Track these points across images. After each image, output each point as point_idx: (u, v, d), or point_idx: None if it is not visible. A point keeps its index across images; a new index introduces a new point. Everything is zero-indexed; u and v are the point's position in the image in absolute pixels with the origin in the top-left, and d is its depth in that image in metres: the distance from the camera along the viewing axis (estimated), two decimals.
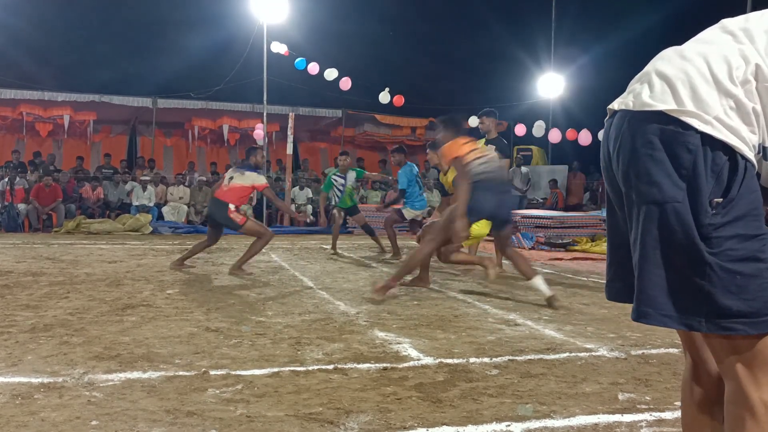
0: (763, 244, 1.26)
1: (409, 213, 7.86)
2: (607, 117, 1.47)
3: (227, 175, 6.50)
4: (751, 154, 1.27)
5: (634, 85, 1.42)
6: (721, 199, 1.25)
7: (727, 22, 1.38)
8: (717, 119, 1.26)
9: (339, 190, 8.57)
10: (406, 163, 7.92)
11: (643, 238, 1.33)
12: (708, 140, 1.26)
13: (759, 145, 1.30)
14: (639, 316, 1.36)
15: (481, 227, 5.23)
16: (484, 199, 4.72)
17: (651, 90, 1.34)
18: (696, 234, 1.25)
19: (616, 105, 1.43)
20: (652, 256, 1.32)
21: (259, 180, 6.46)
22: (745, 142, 1.26)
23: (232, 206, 6.27)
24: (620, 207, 1.44)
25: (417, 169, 7.92)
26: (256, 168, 6.58)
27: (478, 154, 4.93)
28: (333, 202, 8.84)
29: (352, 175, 8.58)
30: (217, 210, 6.38)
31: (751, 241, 1.26)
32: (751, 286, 1.25)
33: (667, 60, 1.37)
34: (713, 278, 1.25)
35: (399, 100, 15.24)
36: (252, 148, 6.81)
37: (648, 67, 1.41)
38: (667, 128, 1.29)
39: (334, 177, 8.62)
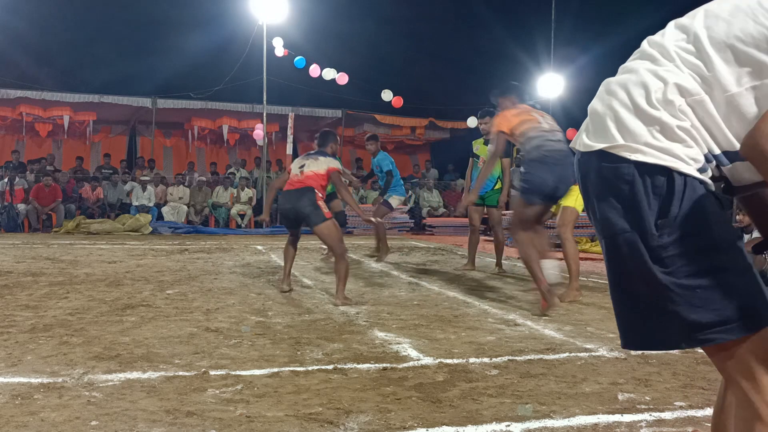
0: (717, 252, 1.28)
1: (395, 200, 7.56)
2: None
3: (296, 165, 5.36)
4: (688, 168, 1.29)
5: (582, 126, 1.49)
6: (663, 220, 1.28)
7: (645, 44, 1.42)
8: (646, 144, 1.30)
9: None
10: (380, 150, 7.72)
11: (608, 270, 1.41)
12: (642, 167, 1.30)
13: (706, 155, 1.31)
14: (626, 344, 1.42)
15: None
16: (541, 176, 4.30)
17: (588, 130, 1.42)
18: (648, 258, 1.29)
19: (572, 144, 1.51)
20: (618, 285, 1.39)
21: (333, 162, 5.34)
22: (680, 159, 1.29)
23: (318, 193, 5.14)
24: None
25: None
26: (333, 156, 5.51)
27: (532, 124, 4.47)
28: None
29: None
30: (302, 197, 5.09)
31: (704, 254, 1.28)
32: (714, 296, 1.26)
33: (599, 97, 1.44)
34: (674, 297, 1.28)
35: (398, 102, 15.24)
36: (326, 132, 5.72)
37: (589, 105, 1.47)
38: (605, 165, 1.35)
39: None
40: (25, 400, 2.48)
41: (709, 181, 1.31)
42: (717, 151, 1.31)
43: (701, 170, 1.30)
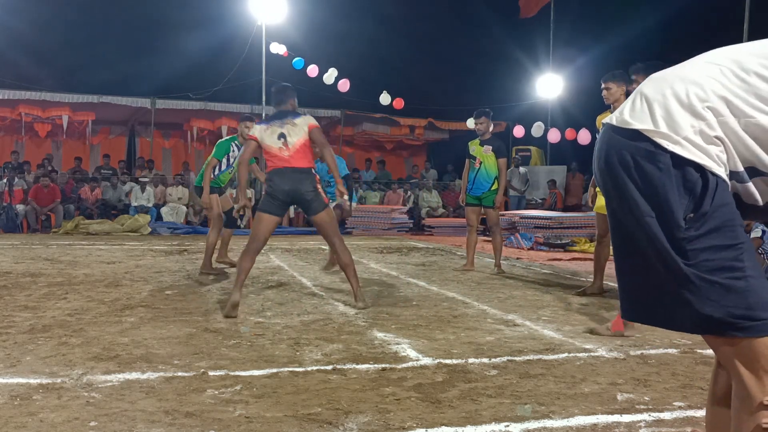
0: (739, 252, 1.31)
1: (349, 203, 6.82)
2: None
3: (269, 134, 4.46)
4: (720, 171, 1.32)
5: (623, 102, 1.51)
6: (693, 214, 1.32)
7: (714, 54, 1.44)
8: (686, 139, 1.33)
9: (228, 162, 6.76)
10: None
11: (623, 246, 1.44)
12: (678, 159, 1.33)
13: (730, 170, 1.35)
14: (627, 315, 1.48)
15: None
16: None
17: (632, 109, 1.43)
18: (669, 247, 1.32)
19: (605, 119, 1.52)
20: (630, 263, 1.42)
21: (311, 119, 4.63)
22: (714, 160, 1.33)
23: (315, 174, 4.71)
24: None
25: None
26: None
27: None
28: (216, 172, 6.83)
29: None
30: (304, 180, 4.47)
31: (727, 251, 1.31)
32: (730, 294, 1.30)
33: (652, 82, 1.46)
34: (692, 288, 1.31)
35: (399, 103, 15.24)
36: (283, 87, 4.85)
37: (637, 87, 1.50)
38: (640, 146, 1.37)
39: (234, 143, 6.80)
40: (24, 401, 2.48)
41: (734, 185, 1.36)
42: (740, 168, 1.35)
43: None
